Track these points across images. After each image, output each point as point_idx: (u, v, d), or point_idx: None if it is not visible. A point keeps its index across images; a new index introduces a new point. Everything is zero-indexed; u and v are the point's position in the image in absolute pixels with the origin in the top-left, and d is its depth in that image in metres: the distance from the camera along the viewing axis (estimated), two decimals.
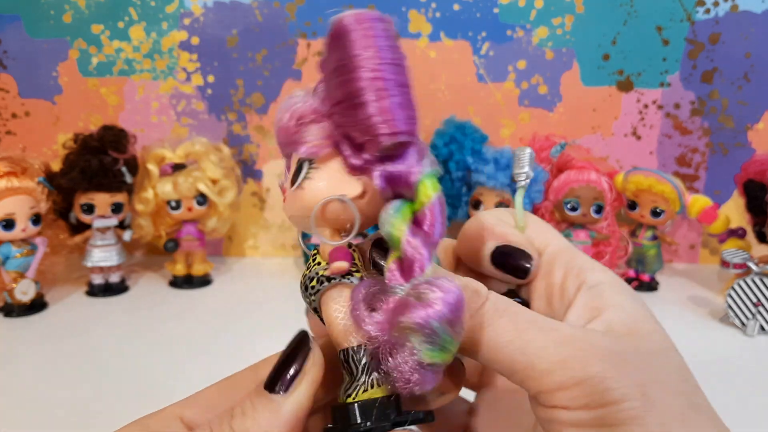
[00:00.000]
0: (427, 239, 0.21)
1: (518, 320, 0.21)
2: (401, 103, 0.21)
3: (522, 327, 0.21)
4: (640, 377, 0.19)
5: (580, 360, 0.20)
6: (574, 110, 0.87)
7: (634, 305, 0.23)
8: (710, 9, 0.82)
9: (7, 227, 0.67)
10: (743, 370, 0.58)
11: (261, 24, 0.84)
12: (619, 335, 0.21)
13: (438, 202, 0.21)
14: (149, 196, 0.76)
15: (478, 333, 0.21)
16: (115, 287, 0.76)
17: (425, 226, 0.21)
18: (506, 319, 0.21)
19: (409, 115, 0.21)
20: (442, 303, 0.19)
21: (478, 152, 0.77)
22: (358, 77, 0.20)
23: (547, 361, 0.20)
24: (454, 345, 0.20)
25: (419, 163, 0.21)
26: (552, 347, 0.20)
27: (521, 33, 0.84)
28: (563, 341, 0.20)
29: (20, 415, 0.48)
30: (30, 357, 0.59)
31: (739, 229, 0.75)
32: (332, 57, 0.21)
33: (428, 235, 0.21)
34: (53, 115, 0.86)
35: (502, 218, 0.27)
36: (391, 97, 0.20)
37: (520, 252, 0.25)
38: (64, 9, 0.83)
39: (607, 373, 0.19)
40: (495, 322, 0.21)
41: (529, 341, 0.20)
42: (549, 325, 0.21)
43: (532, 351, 0.20)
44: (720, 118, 0.86)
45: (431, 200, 0.21)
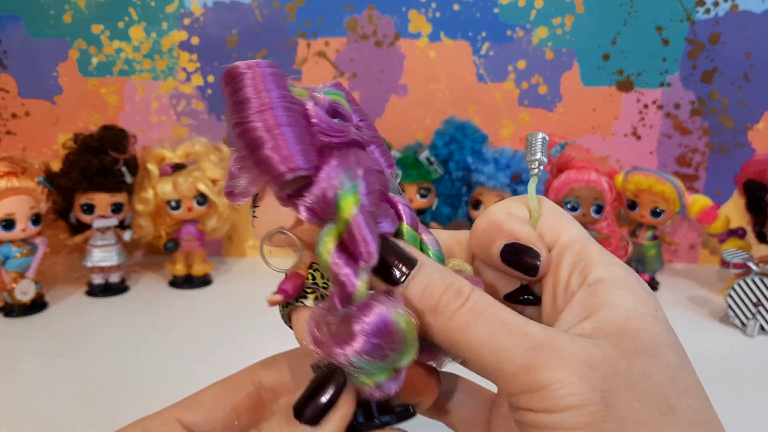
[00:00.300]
0: (355, 257, 0.22)
1: (493, 323, 0.22)
2: (294, 140, 0.22)
3: (495, 330, 0.21)
4: (604, 383, 0.20)
5: (544, 365, 0.20)
6: (574, 110, 0.87)
7: (631, 302, 0.22)
8: (710, 9, 0.82)
9: (7, 227, 0.67)
10: (743, 370, 0.58)
11: (261, 24, 0.84)
12: (604, 336, 0.21)
13: (360, 218, 0.22)
14: (149, 196, 0.76)
15: (455, 334, 0.22)
16: (115, 287, 0.76)
17: (351, 245, 0.22)
18: (482, 322, 0.22)
19: (304, 150, 0.22)
20: (362, 337, 0.21)
21: (478, 152, 0.77)
22: (251, 125, 0.22)
23: (514, 364, 0.21)
24: (385, 368, 0.22)
25: (333, 186, 0.22)
26: (519, 352, 0.21)
27: (521, 33, 0.84)
28: (531, 346, 0.21)
29: (20, 415, 0.48)
30: (30, 357, 0.59)
31: (739, 229, 0.75)
32: (228, 105, 0.23)
33: (355, 254, 0.22)
34: (53, 115, 0.86)
35: (513, 211, 0.26)
36: (283, 137, 0.22)
37: (528, 250, 0.25)
38: (64, 9, 0.83)
39: (567, 379, 0.20)
40: (471, 324, 0.22)
41: (500, 344, 0.21)
42: (522, 329, 0.21)
43: (502, 354, 0.21)
44: (720, 118, 0.86)
45: (351, 218, 0.22)
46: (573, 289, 0.24)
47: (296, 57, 0.85)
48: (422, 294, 0.23)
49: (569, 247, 0.25)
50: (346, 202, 0.22)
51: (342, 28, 0.84)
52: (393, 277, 0.23)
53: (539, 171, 0.27)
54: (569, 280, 0.24)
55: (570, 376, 0.20)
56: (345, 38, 0.85)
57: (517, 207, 0.27)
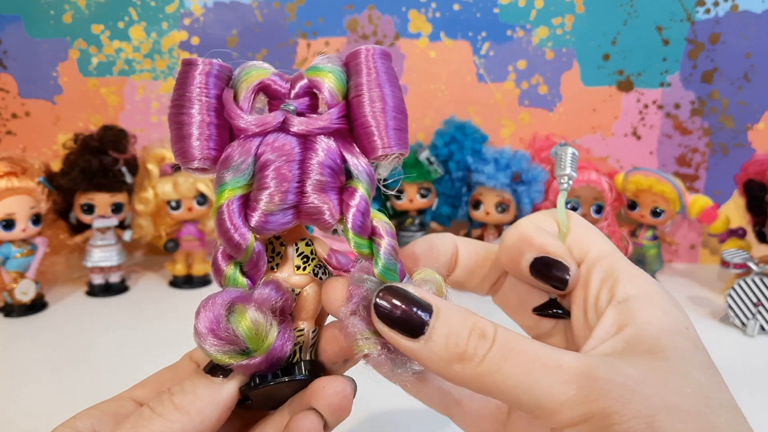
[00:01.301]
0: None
1: (524, 361, 0.21)
2: (190, 135, 0.24)
3: (528, 368, 0.21)
4: (647, 408, 0.20)
5: (585, 397, 0.20)
6: (574, 110, 0.87)
7: (661, 320, 0.22)
8: (710, 9, 0.82)
9: (7, 227, 0.67)
10: (743, 370, 0.58)
11: (261, 24, 0.84)
12: (636, 355, 0.21)
13: (225, 210, 0.24)
14: (149, 196, 0.76)
15: (488, 379, 0.21)
16: (115, 287, 0.76)
17: (218, 234, 0.25)
18: (512, 362, 0.21)
19: (196, 144, 0.24)
20: (200, 332, 0.24)
21: (478, 152, 0.77)
22: (169, 117, 0.25)
23: (553, 401, 0.20)
24: (235, 355, 0.24)
25: (217, 178, 0.24)
26: (558, 387, 0.20)
27: (521, 33, 0.84)
28: (568, 379, 0.21)
29: (20, 414, 0.48)
30: (30, 357, 0.59)
31: (739, 229, 0.75)
32: None
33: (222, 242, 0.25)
34: (53, 115, 0.86)
35: (542, 225, 0.27)
36: (181, 132, 0.24)
37: (557, 263, 0.25)
38: (64, 9, 0.83)
39: (611, 409, 0.19)
40: (502, 367, 0.21)
41: (536, 382, 0.21)
42: (555, 361, 0.21)
43: (539, 392, 0.21)
44: (720, 118, 0.86)
45: (219, 209, 0.24)
46: (603, 305, 0.24)
47: (296, 57, 0.85)
48: (447, 344, 0.22)
49: (598, 262, 0.25)
50: (219, 195, 0.24)
51: (342, 28, 0.84)
52: (413, 332, 0.23)
53: (569, 186, 0.27)
54: (599, 295, 0.24)
55: (614, 404, 0.20)
56: (345, 38, 0.85)
57: (547, 221, 0.27)
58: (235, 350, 0.24)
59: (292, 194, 0.24)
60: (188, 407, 0.23)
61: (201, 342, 0.24)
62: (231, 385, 0.24)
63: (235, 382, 0.25)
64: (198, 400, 0.24)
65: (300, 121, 0.24)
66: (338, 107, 0.25)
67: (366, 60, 0.25)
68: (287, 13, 0.83)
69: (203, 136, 0.24)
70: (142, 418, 0.24)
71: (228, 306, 0.24)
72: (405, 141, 0.25)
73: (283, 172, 0.24)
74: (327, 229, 0.25)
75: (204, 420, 0.24)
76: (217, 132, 0.24)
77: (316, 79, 0.25)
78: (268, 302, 0.25)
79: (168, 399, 0.24)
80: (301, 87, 0.25)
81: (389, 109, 0.24)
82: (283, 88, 0.25)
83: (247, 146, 0.24)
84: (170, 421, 0.23)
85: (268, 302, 0.25)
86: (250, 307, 0.24)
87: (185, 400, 0.24)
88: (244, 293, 0.25)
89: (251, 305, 0.24)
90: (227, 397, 0.24)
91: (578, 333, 0.25)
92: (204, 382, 0.24)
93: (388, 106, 0.24)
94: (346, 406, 0.25)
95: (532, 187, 0.75)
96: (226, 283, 0.25)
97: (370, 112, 0.24)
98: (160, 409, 0.24)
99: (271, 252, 0.27)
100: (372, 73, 0.25)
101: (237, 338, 0.24)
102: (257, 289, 0.25)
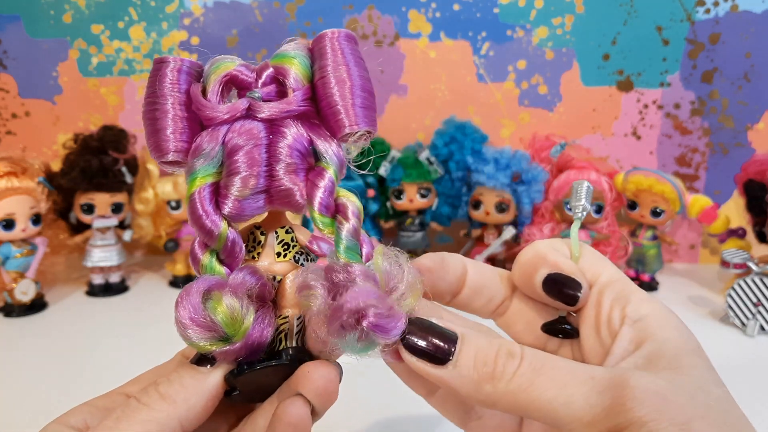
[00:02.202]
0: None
1: (557, 375, 0.22)
2: (161, 130, 0.25)
3: (562, 381, 0.22)
4: (681, 416, 0.20)
5: (621, 406, 0.20)
6: (574, 110, 0.87)
7: (677, 338, 0.23)
8: (710, 9, 0.82)
9: (7, 227, 0.67)
10: (743, 370, 0.58)
11: (261, 24, 0.84)
12: (658, 370, 0.22)
13: (196, 198, 0.24)
14: (149, 196, 0.76)
15: (520, 396, 0.22)
16: (115, 287, 0.76)
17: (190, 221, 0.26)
18: (545, 377, 0.22)
19: (168, 138, 0.25)
20: (179, 321, 0.24)
21: (478, 152, 0.77)
22: (143, 114, 0.26)
23: (590, 413, 0.21)
24: (214, 342, 0.24)
25: (189, 168, 0.25)
26: (594, 398, 0.21)
27: (521, 33, 0.84)
28: (603, 390, 0.21)
29: (20, 414, 0.48)
30: (30, 357, 0.59)
31: (739, 229, 0.75)
32: None
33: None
34: (53, 115, 0.86)
35: (556, 247, 0.28)
36: (153, 127, 0.25)
37: (570, 280, 0.26)
38: (64, 9, 0.83)
39: (647, 417, 0.20)
40: (535, 382, 0.22)
41: (572, 394, 0.21)
42: (587, 373, 0.22)
43: (576, 404, 0.21)
44: (720, 118, 0.86)
45: (190, 197, 0.25)
46: (615, 324, 0.25)
47: None
48: (475, 364, 0.23)
49: (609, 285, 0.26)
50: (190, 184, 0.24)
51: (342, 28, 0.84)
52: (439, 359, 0.23)
53: (583, 216, 0.28)
54: (611, 314, 0.25)
55: (650, 413, 0.20)
56: None
57: (561, 246, 0.28)
58: (215, 337, 0.24)
59: (262, 178, 0.24)
60: (174, 396, 0.24)
61: (182, 331, 0.24)
62: (216, 374, 0.25)
63: (221, 370, 0.25)
64: (183, 389, 0.24)
65: (265, 106, 0.25)
66: (302, 90, 0.25)
67: (331, 42, 0.26)
68: (287, 13, 0.83)
69: (176, 130, 0.25)
70: (128, 408, 0.24)
71: (204, 293, 0.24)
72: (372, 119, 0.25)
73: (252, 156, 0.24)
74: (299, 211, 0.26)
75: (190, 408, 0.24)
76: (189, 125, 0.25)
77: (282, 66, 0.25)
78: (243, 287, 0.25)
79: (154, 389, 0.24)
80: (267, 75, 0.26)
81: (354, 88, 0.25)
82: (249, 78, 0.26)
83: (215, 134, 0.24)
84: (156, 410, 0.23)
85: (243, 287, 0.25)
86: (226, 293, 0.24)
87: (171, 389, 0.24)
88: (220, 280, 0.25)
89: (226, 290, 0.24)
90: (212, 386, 0.25)
91: (589, 351, 0.26)
92: (190, 372, 0.25)
93: (353, 84, 0.25)
94: (332, 390, 0.25)
95: (532, 187, 0.75)
96: (203, 271, 0.26)
97: (335, 92, 0.25)
98: (146, 399, 0.24)
99: (252, 242, 0.27)
100: (337, 55, 0.25)
101: (215, 324, 0.24)
102: (232, 275, 0.25)
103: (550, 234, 0.78)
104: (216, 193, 0.25)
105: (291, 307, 0.27)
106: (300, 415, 0.24)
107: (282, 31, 0.84)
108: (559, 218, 0.78)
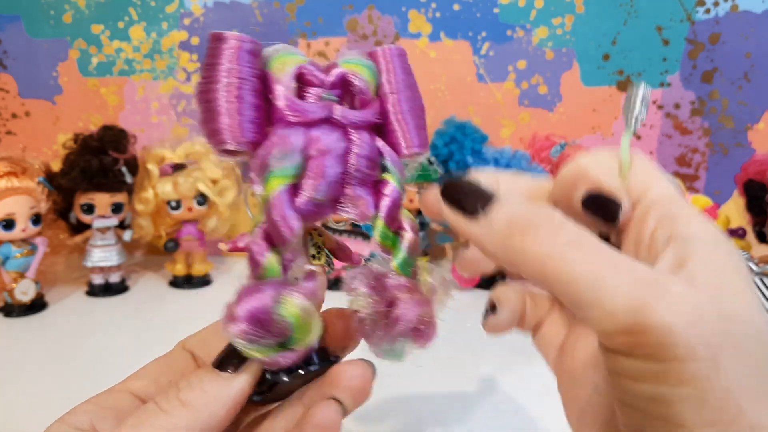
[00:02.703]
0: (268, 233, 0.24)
1: (595, 254, 0.20)
2: (229, 115, 0.23)
3: (597, 261, 0.19)
4: (713, 338, 0.18)
5: (652, 306, 0.18)
6: (574, 110, 0.87)
7: (725, 262, 0.20)
8: (710, 9, 0.82)
9: (7, 227, 0.67)
10: None
11: (261, 24, 0.84)
12: (699, 288, 0.19)
13: (279, 200, 0.23)
14: (149, 196, 0.76)
15: (548, 261, 0.20)
16: (115, 287, 0.76)
17: (267, 223, 0.23)
18: (581, 252, 0.20)
19: (238, 125, 0.23)
20: (239, 321, 0.23)
21: (478, 152, 0.77)
22: (201, 94, 0.23)
23: (615, 301, 0.19)
24: (270, 348, 0.23)
25: (264, 164, 0.23)
26: (624, 288, 0.19)
27: (521, 33, 0.84)
28: (638, 283, 0.19)
29: (20, 414, 0.48)
30: (30, 357, 0.59)
31: (739, 229, 0.75)
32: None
33: (271, 231, 0.23)
34: (53, 115, 0.86)
35: (602, 161, 0.25)
36: (218, 111, 0.23)
37: (609, 199, 0.24)
38: (64, 9, 0.83)
39: (677, 327, 0.18)
40: (568, 252, 0.20)
41: (602, 278, 0.19)
42: (628, 265, 0.20)
43: (602, 289, 0.19)
44: (720, 118, 0.86)
45: (270, 198, 0.23)
46: (658, 244, 0.22)
47: None
48: (511, 216, 0.21)
49: (658, 201, 0.23)
50: (269, 183, 0.23)
51: (342, 28, 0.84)
52: (469, 208, 0.22)
53: (635, 127, 0.26)
54: (654, 233, 0.22)
55: (681, 324, 0.18)
56: (345, 38, 0.85)
57: (609, 158, 0.25)
58: (271, 343, 0.23)
59: (336, 184, 0.24)
60: (194, 403, 0.23)
61: (235, 331, 0.23)
62: (240, 381, 0.24)
63: (246, 377, 0.24)
64: (205, 395, 0.23)
65: (346, 112, 0.25)
66: (377, 102, 0.26)
67: (385, 60, 0.26)
68: (287, 13, 0.83)
69: (248, 119, 0.23)
70: (147, 413, 0.23)
71: (275, 295, 0.23)
72: (425, 139, 0.26)
73: (333, 162, 0.24)
74: (364, 220, 0.25)
75: (211, 416, 0.23)
76: (256, 114, 0.24)
77: (355, 72, 0.25)
78: (314, 293, 0.24)
79: (174, 395, 0.23)
80: (337, 76, 0.25)
81: (415, 109, 0.26)
82: (318, 77, 0.25)
83: (295, 135, 0.24)
84: (176, 417, 0.23)
85: (313, 296, 0.24)
86: (300, 297, 0.23)
87: (191, 395, 0.23)
88: (290, 284, 0.24)
89: (299, 295, 0.23)
90: (236, 393, 0.24)
91: None
92: (211, 377, 0.24)
93: (412, 105, 0.26)
94: (367, 388, 0.25)
95: None
96: (266, 273, 0.24)
97: (397, 111, 0.26)
98: (166, 405, 0.23)
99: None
100: (395, 73, 0.26)
101: (282, 329, 0.23)
102: (303, 283, 0.24)
103: None
104: (292, 194, 0.24)
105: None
106: (334, 420, 0.24)
107: (282, 31, 0.84)
108: None
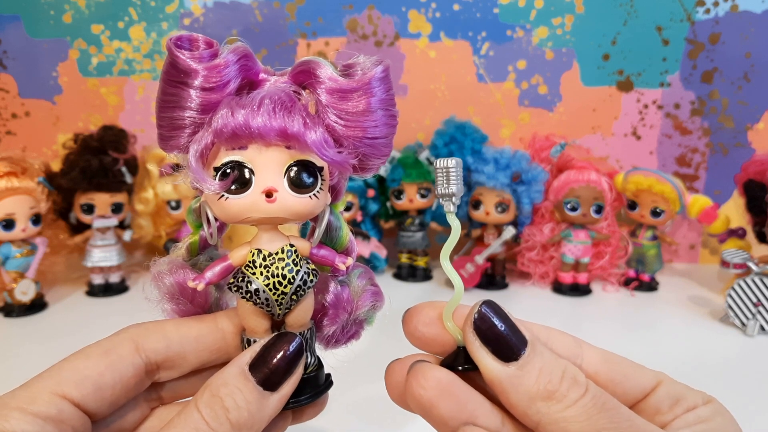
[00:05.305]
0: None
1: (618, 419, 0.21)
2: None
3: (620, 426, 0.21)
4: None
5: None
6: (574, 110, 0.87)
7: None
8: (710, 9, 0.82)
9: (7, 227, 0.67)
10: (743, 370, 0.58)
11: (261, 24, 0.84)
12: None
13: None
14: (149, 196, 0.76)
15: (573, 425, 0.21)
16: (115, 287, 0.76)
17: None
18: (606, 415, 0.21)
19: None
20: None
21: (478, 152, 0.77)
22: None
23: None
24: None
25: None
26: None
27: (521, 33, 0.84)
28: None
29: None
30: (30, 357, 0.59)
31: (739, 229, 0.75)
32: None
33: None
34: (53, 115, 0.86)
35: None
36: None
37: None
38: (64, 9, 0.83)
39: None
40: (594, 417, 0.21)
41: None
42: (645, 428, 0.21)
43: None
44: (720, 118, 0.86)
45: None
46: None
47: (296, 57, 0.85)
48: (539, 378, 0.22)
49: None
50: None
51: (342, 28, 0.84)
52: (506, 356, 0.22)
53: (455, 210, 0.25)
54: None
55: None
56: (345, 38, 0.85)
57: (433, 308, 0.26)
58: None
59: None
60: (242, 423, 0.23)
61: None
62: (276, 398, 0.24)
63: (281, 394, 0.25)
64: (251, 416, 0.24)
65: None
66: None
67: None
68: (287, 13, 0.83)
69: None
70: (193, 424, 0.23)
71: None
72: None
73: None
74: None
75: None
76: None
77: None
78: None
79: (224, 415, 0.23)
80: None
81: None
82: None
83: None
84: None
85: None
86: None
87: (240, 417, 0.23)
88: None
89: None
90: (274, 411, 0.25)
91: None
92: (256, 397, 0.24)
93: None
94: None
95: (532, 187, 0.75)
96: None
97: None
98: (215, 424, 0.23)
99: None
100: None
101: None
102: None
103: (550, 234, 0.78)
104: None
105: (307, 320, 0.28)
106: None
107: (282, 31, 0.84)
108: (559, 218, 0.78)
